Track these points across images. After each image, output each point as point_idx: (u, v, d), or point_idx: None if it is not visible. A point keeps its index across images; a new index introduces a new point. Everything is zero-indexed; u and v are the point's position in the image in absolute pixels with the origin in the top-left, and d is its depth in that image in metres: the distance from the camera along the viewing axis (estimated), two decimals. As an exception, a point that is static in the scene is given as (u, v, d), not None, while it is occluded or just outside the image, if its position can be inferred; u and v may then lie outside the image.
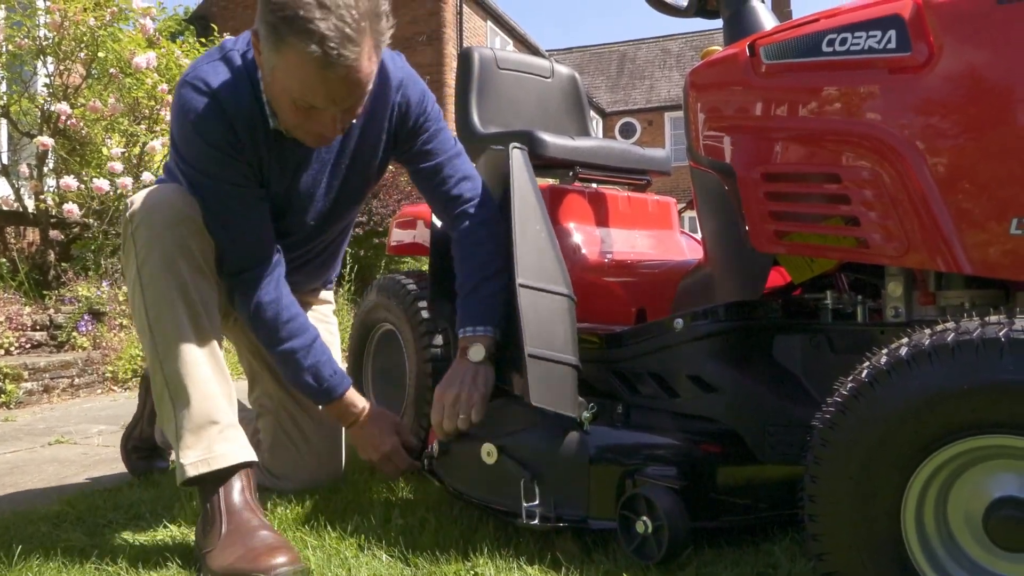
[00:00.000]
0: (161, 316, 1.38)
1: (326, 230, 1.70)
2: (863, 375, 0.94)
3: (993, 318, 0.89)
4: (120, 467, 2.10)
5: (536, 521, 1.31)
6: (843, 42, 1.15)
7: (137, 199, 1.44)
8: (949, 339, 0.88)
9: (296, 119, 1.35)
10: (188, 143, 1.42)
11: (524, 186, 1.44)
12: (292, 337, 1.51)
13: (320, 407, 1.60)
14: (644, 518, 1.23)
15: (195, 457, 1.34)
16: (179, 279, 1.39)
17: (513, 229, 1.40)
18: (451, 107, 2.11)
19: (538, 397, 1.32)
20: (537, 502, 1.32)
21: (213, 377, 1.39)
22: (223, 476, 1.35)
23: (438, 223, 1.69)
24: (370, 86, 1.34)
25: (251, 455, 1.40)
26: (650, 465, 1.31)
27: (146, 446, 2.01)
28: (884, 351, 0.95)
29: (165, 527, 1.52)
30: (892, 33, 1.10)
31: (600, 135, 22.33)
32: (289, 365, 1.52)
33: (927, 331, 0.93)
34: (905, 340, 0.94)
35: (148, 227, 1.40)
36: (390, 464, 1.62)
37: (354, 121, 1.46)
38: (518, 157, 1.47)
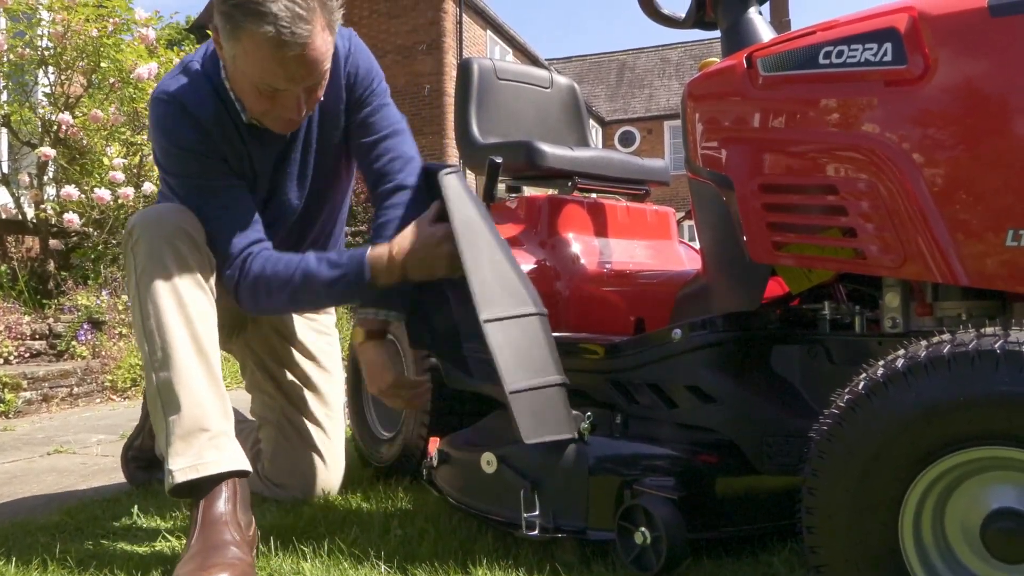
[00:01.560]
0: (156, 327, 1.39)
1: (312, 213, 1.70)
2: (860, 387, 0.95)
3: (988, 330, 0.90)
4: (119, 477, 2.10)
5: (535, 532, 1.31)
6: (839, 55, 1.16)
7: (138, 215, 1.49)
8: (945, 351, 0.89)
9: (262, 105, 1.40)
10: (163, 151, 1.49)
11: (464, 213, 1.38)
12: (294, 267, 1.45)
13: (368, 282, 1.45)
14: (643, 529, 1.23)
15: (183, 464, 1.34)
16: (175, 291, 1.41)
17: (464, 266, 1.35)
18: (451, 116, 2.12)
19: (530, 433, 1.29)
20: (536, 512, 1.32)
21: (206, 386, 1.39)
22: (210, 485, 1.34)
23: None
24: (327, 64, 1.38)
25: (241, 464, 1.39)
26: (649, 476, 1.31)
27: (145, 457, 2.02)
28: (880, 363, 0.95)
29: (164, 538, 1.52)
30: (888, 46, 1.10)
31: (599, 144, 22.36)
32: (304, 284, 1.44)
33: (923, 343, 0.93)
34: (901, 352, 0.94)
35: (147, 241, 1.43)
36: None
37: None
38: (452, 183, 1.41)
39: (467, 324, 1.45)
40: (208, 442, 1.36)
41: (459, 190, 1.40)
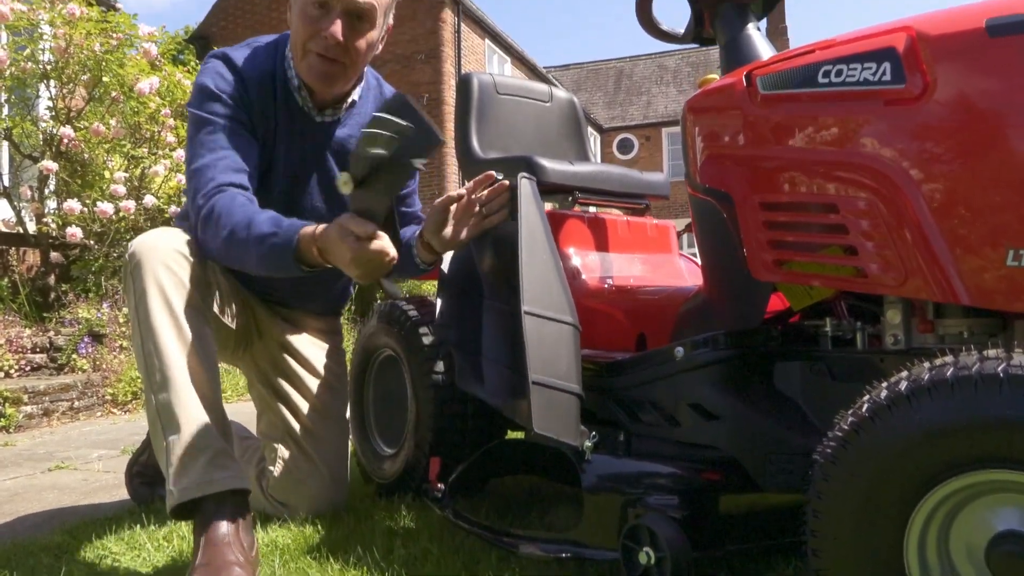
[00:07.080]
0: (155, 349, 1.40)
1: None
2: (863, 409, 0.94)
3: (991, 352, 0.89)
4: (121, 493, 2.10)
5: (538, 551, 1.31)
6: (839, 73, 1.16)
7: (136, 240, 1.50)
8: (948, 374, 0.89)
9: (307, 30, 1.52)
10: (197, 90, 1.59)
11: (532, 216, 1.45)
12: (246, 213, 1.43)
13: (294, 250, 1.37)
14: (647, 548, 1.22)
15: (185, 483, 1.35)
16: (172, 314, 1.42)
17: (520, 258, 1.40)
18: (450, 125, 2.13)
19: (541, 424, 1.31)
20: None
21: (205, 407, 1.40)
22: (213, 504, 1.34)
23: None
24: (373, 13, 1.52)
25: (242, 483, 1.40)
26: (652, 494, 1.31)
27: (150, 473, 2.01)
28: (883, 385, 0.95)
29: (167, 558, 1.52)
30: (887, 65, 1.11)
31: (598, 151, 22.34)
32: (246, 229, 1.40)
33: (926, 365, 0.93)
34: (904, 374, 0.94)
35: (146, 265, 1.44)
36: (367, 249, 1.31)
37: (356, 100, 1.68)
38: (526, 187, 1.49)
39: (492, 340, 1.48)
40: (209, 462, 1.37)
41: (530, 195, 1.49)
